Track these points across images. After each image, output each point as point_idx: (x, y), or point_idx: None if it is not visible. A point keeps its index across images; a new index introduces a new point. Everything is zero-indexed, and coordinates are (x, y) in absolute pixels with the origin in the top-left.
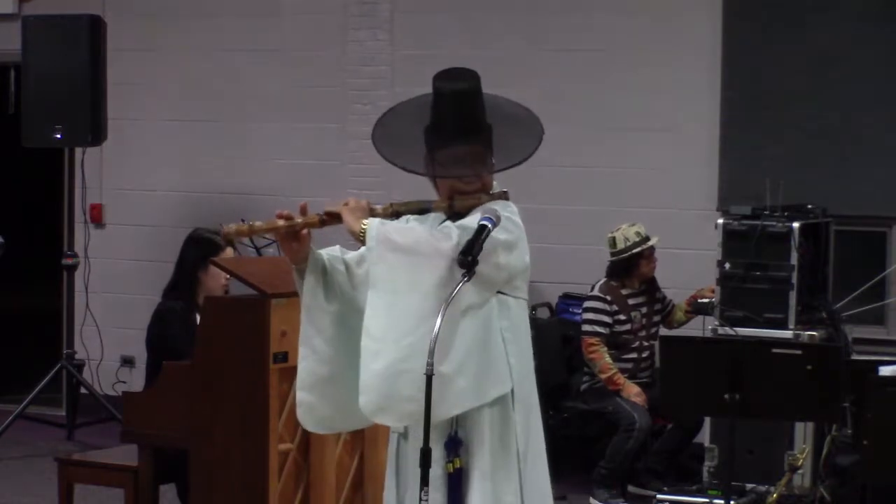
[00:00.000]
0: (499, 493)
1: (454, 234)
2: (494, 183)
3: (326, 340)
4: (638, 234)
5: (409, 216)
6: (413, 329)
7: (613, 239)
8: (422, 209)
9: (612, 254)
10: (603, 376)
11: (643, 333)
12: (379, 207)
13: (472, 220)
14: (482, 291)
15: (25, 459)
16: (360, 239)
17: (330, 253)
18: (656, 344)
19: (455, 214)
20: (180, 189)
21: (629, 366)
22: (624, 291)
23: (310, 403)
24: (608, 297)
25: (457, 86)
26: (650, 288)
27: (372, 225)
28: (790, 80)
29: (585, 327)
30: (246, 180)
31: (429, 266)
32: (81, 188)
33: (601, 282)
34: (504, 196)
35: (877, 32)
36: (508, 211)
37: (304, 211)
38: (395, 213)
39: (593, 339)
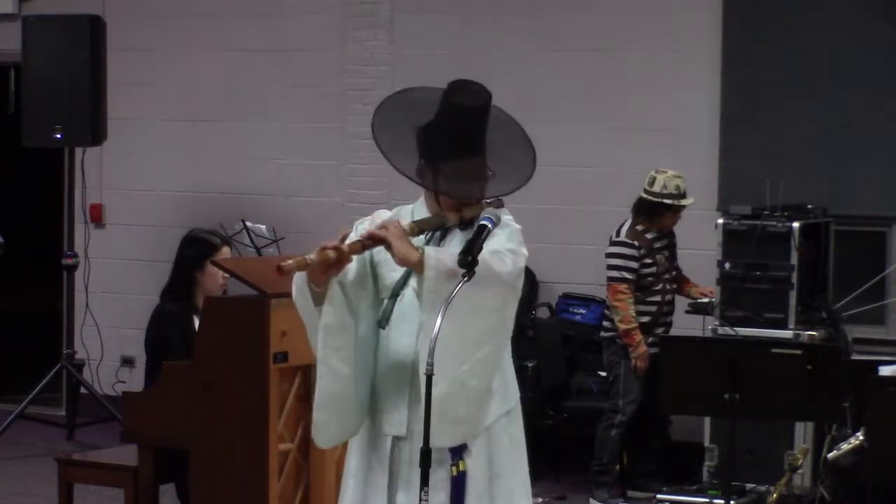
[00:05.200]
0: (514, 493)
1: (508, 259)
2: None
3: (344, 359)
4: (678, 187)
5: (429, 232)
6: (470, 355)
7: (654, 179)
8: (440, 224)
9: (646, 191)
10: (622, 326)
11: (666, 277)
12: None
13: (510, 244)
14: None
15: (25, 459)
16: (416, 267)
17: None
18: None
19: (462, 223)
20: (180, 189)
21: (653, 309)
22: (648, 235)
23: (324, 421)
24: (635, 242)
25: (475, 101)
26: (669, 237)
27: (429, 254)
28: (790, 80)
29: (612, 273)
30: (246, 180)
31: (487, 293)
32: (81, 188)
33: (626, 226)
34: (500, 203)
35: (877, 32)
36: (507, 218)
37: (344, 238)
38: (420, 232)
39: (622, 287)
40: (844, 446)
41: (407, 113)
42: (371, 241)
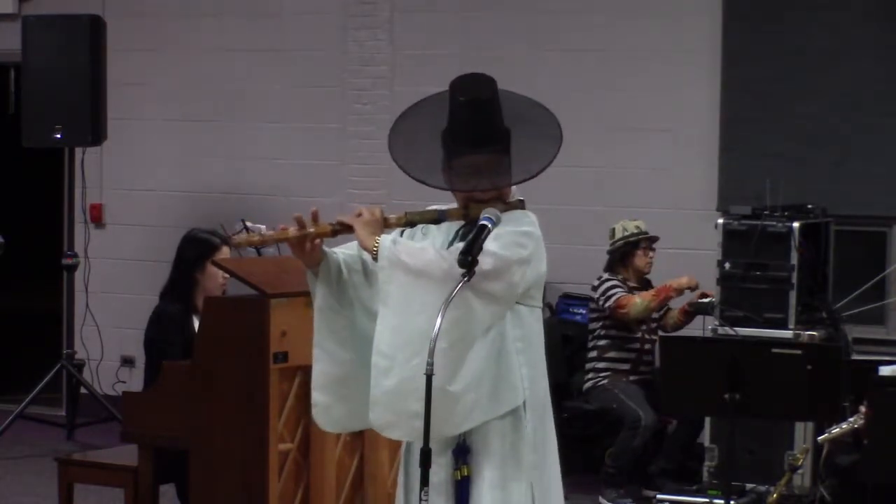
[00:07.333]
0: (509, 503)
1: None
2: (514, 189)
3: (339, 343)
4: (637, 227)
5: (423, 225)
6: (422, 349)
7: (613, 231)
8: (436, 218)
9: (610, 245)
10: (653, 295)
11: (644, 327)
12: (393, 217)
13: (490, 245)
14: (500, 310)
15: (25, 459)
16: (372, 255)
17: (347, 252)
18: (656, 342)
19: (471, 222)
20: (180, 189)
21: (632, 356)
22: (629, 284)
23: (325, 404)
24: (619, 277)
25: (472, 94)
26: (646, 286)
27: (384, 244)
28: (790, 80)
29: (615, 293)
30: (246, 180)
31: (438, 288)
32: (81, 188)
33: (605, 277)
34: (521, 205)
35: (877, 32)
36: (526, 222)
37: (315, 218)
38: (409, 223)
39: (621, 297)
40: (836, 430)
41: (426, 122)
42: (340, 225)
